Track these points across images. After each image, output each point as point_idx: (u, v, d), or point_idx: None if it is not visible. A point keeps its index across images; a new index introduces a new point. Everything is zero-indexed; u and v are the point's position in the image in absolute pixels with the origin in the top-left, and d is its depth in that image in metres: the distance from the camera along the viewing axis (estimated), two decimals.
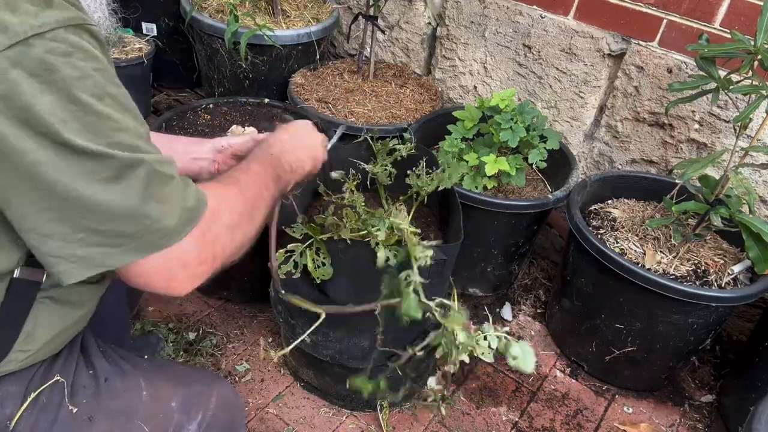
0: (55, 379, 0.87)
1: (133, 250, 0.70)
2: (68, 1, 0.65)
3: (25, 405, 0.84)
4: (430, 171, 1.47)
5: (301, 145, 1.11)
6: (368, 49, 2.19)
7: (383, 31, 2.36)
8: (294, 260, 1.21)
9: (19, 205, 0.65)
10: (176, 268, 0.74)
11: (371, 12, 2.11)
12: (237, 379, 1.67)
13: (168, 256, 0.73)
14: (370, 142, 1.59)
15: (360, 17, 2.12)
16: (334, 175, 1.43)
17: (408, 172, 1.49)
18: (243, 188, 0.89)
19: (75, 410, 0.87)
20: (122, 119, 0.67)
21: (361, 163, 1.56)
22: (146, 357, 1.05)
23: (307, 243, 1.26)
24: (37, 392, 0.85)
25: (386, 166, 1.53)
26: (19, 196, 0.64)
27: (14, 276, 0.76)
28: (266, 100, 2.01)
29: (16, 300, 0.78)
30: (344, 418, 1.62)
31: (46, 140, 0.61)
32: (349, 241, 1.26)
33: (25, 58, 0.59)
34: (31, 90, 0.59)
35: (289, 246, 1.25)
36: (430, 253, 1.12)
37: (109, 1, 2.31)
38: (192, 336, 1.76)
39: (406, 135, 1.88)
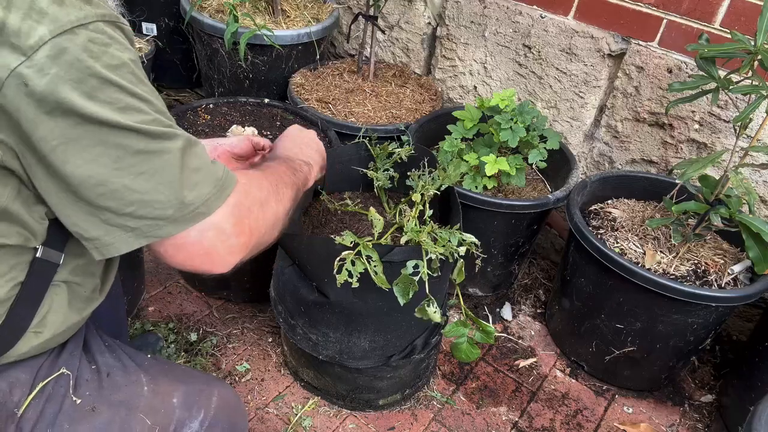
0: (60, 371, 0.91)
1: (178, 221, 0.74)
2: (104, 2, 0.71)
3: (33, 394, 0.87)
4: (431, 171, 1.47)
5: (303, 143, 1.18)
6: (368, 49, 2.19)
7: (383, 31, 2.36)
8: (347, 269, 1.18)
9: (73, 181, 0.69)
10: (216, 240, 0.78)
11: (371, 12, 2.11)
12: (237, 379, 1.67)
13: (206, 228, 0.76)
14: (369, 146, 1.59)
15: (360, 17, 2.12)
16: None
17: (408, 173, 1.49)
18: (266, 174, 0.95)
19: (79, 401, 0.90)
20: (157, 103, 0.74)
21: (362, 170, 1.56)
22: (148, 356, 1.06)
23: (356, 250, 1.21)
24: (45, 382, 0.89)
25: (387, 169, 1.54)
26: (72, 171, 0.69)
27: (37, 255, 0.81)
28: (266, 100, 2.01)
29: (35, 280, 0.82)
30: (344, 418, 1.62)
31: (91, 119, 0.67)
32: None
33: (73, 44, 0.65)
34: (77, 74, 0.65)
35: (343, 254, 1.20)
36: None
37: (117, 4, 2.31)
38: (192, 336, 1.76)
39: (404, 137, 1.88)
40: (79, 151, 0.68)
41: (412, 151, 1.54)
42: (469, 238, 1.28)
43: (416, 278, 1.20)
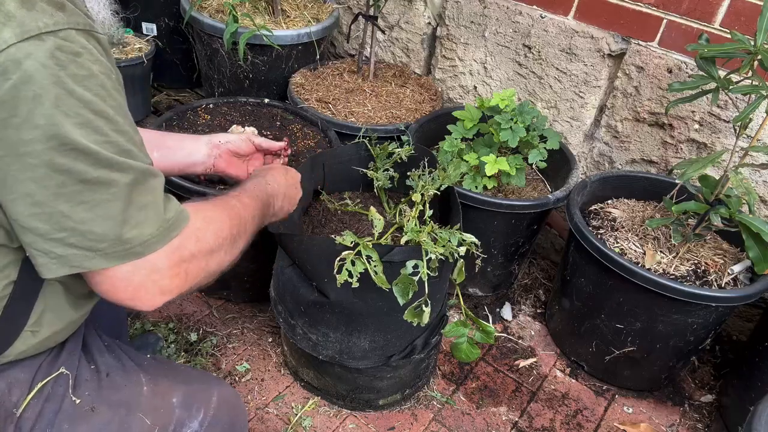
0: (59, 371, 0.90)
1: (110, 255, 0.71)
2: (79, 9, 0.68)
3: (32, 393, 0.86)
4: (431, 171, 1.47)
5: (290, 195, 1.19)
6: (368, 49, 2.19)
7: (383, 31, 2.36)
8: (347, 269, 1.18)
9: (9, 192, 0.67)
10: (147, 279, 0.75)
11: (371, 12, 2.11)
12: (237, 379, 1.67)
13: (141, 265, 0.73)
14: (369, 146, 1.59)
15: (360, 17, 2.12)
16: None
17: (408, 173, 1.49)
18: (232, 215, 0.92)
19: (78, 401, 0.90)
20: (121, 122, 0.70)
21: (362, 170, 1.56)
22: (148, 356, 1.06)
23: (356, 250, 1.21)
24: (44, 382, 0.88)
25: (387, 169, 1.54)
26: (12, 184, 0.66)
27: (26, 255, 0.78)
28: (266, 100, 2.01)
29: (28, 278, 0.80)
30: (344, 418, 1.62)
31: (46, 132, 0.64)
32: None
33: (37, 51, 0.62)
34: (40, 82, 0.62)
35: (343, 254, 1.20)
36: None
37: (110, 1, 2.32)
38: (192, 336, 1.76)
39: (404, 137, 1.88)
40: (23, 168, 0.65)
41: (412, 151, 1.54)
42: (469, 237, 1.28)
43: (416, 278, 1.20)
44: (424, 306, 1.21)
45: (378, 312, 1.39)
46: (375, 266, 1.20)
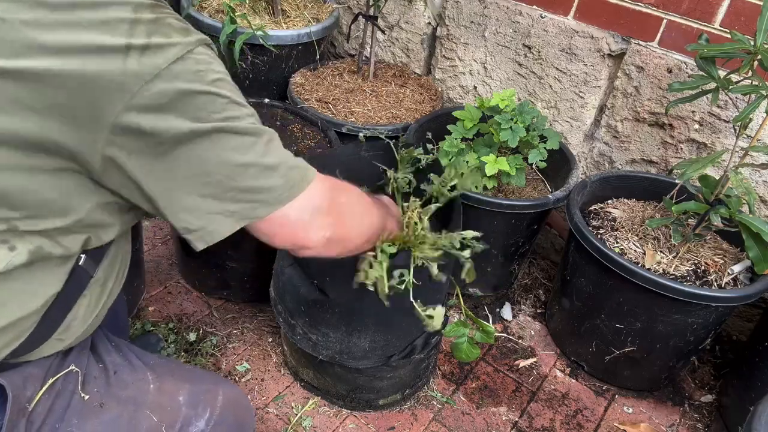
0: (69, 368, 0.93)
1: (271, 202, 0.84)
2: (196, 30, 0.83)
3: (44, 389, 0.89)
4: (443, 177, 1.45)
5: (399, 220, 1.30)
6: (368, 49, 2.19)
7: (383, 31, 2.36)
8: (365, 270, 1.19)
9: (182, 178, 0.78)
10: (309, 216, 0.88)
11: (371, 12, 2.11)
12: (237, 379, 1.67)
13: (301, 205, 0.87)
14: (394, 149, 1.56)
15: (360, 17, 2.12)
16: None
17: (430, 175, 1.48)
18: (370, 204, 1.09)
19: (87, 397, 0.92)
20: (247, 105, 0.84)
21: (384, 168, 1.53)
22: (154, 355, 1.07)
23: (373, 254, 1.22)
24: (54, 378, 0.90)
25: (407, 175, 1.51)
26: (182, 170, 0.78)
27: (79, 264, 0.85)
28: (266, 100, 2.01)
29: (71, 288, 0.86)
30: (344, 418, 1.62)
31: (204, 127, 0.76)
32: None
33: (183, 69, 0.75)
34: (191, 91, 0.75)
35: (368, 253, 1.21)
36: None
37: None
38: (192, 336, 1.76)
39: (402, 138, 1.87)
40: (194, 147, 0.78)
41: (431, 161, 1.52)
42: (469, 234, 1.28)
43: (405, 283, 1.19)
44: (431, 310, 1.21)
45: (379, 312, 1.38)
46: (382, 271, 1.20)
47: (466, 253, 1.26)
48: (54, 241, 0.79)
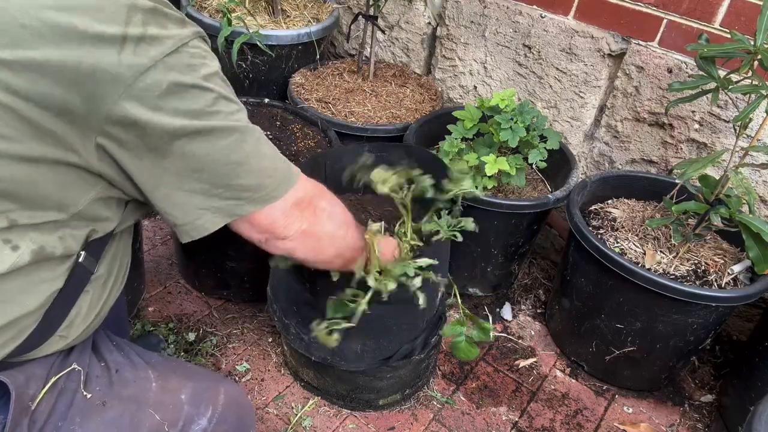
0: (72, 367, 0.93)
1: (257, 200, 0.86)
2: (192, 22, 0.83)
3: (46, 388, 0.89)
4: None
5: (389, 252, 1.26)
6: (368, 49, 2.19)
7: (383, 31, 2.36)
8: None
9: (171, 172, 0.79)
10: (289, 209, 0.91)
11: (371, 12, 2.11)
12: (237, 379, 1.67)
13: (280, 206, 0.89)
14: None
15: (360, 17, 2.12)
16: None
17: (440, 208, 1.43)
18: (350, 229, 1.09)
19: (89, 396, 0.92)
20: (237, 101, 0.85)
21: (389, 193, 1.46)
22: (156, 354, 1.08)
23: None
24: (57, 377, 0.91)
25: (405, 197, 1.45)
26: (173, 164, 0.79)
27: (79, 261, 0.86)
28: (266, 100, 2.01)
29: (72, 285, 0.87)
30: (344, 418, 1.62)
31: (194, 124, 0.77)
32: None
33: (177, 62, 0.75)
34: (184, 84, 0.75)
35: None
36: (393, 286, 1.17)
37: None
38: (192, 336, 1.76)
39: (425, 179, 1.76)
40: (183, 144, 0.78)
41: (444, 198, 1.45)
42: (426, 263, 1.21)
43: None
44: (337, 329, 1.17)
45: (369, 317, 1.37)
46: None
47: (417, 281, 1.19)
48: (55, 237, 0.80)
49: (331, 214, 1.01)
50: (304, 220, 0.94)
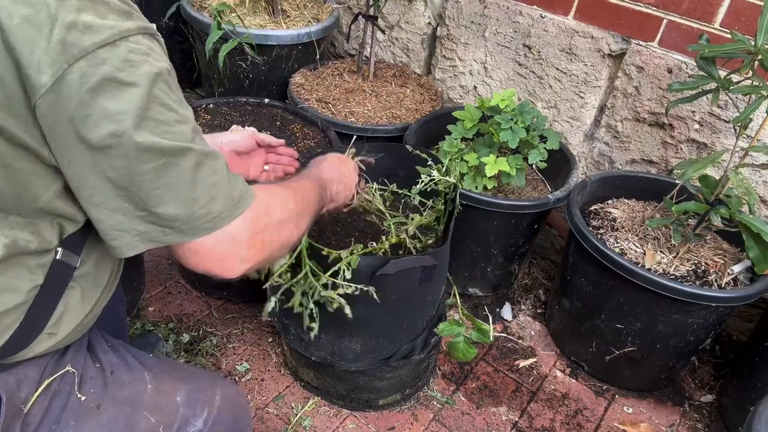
0: (66, 368, 0.92)
1: (184, 231, 0.78)
2: (141, 17, 0.76)
3: (39, 390, 0.88)
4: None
5: (345, 181, 1.24)
6: (368, 49, 2.19)
7: (383, 31, 2.36)
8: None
9: (92, 184, 0.73)
10: (229, 249, 0.81)
11: (371, 12, 2.11)
12: (237, 379, 1.67)
13: (221, 238, 0.80)
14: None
15: (360, 17, 2.12)
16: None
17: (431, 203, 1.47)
18: (295, 193, 0.97)
19: (83, 398, 0.91)
20: (184, 113, 0.76)
21: (383, 212, 1.53)
22: (151, 355, 1.07)
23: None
24: (51, 379, 0.90)
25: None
26: (95, 175, 0.72)
27: (57, 257, 0.83)
28: (266, 100, 2.02)
29: (53, 281, 0.84)
30: (344, 418, 1.62)
31: (120, 133, 0.69)
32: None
33: (112, 56, 0.68)
34: (117, 80, 0.68)
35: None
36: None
37: None
38: (192, 336, 1.76)
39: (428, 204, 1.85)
40: (106, 157, 0.71)
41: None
42: (341, 290, 1.23)
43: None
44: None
45: (368, 316, 1.37)
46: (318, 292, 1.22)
47: (333, 293, 1.23)
48: (26, 232, 0.78)
49: (279, 231, 0.90)
50: (248, 260, 0.84)
